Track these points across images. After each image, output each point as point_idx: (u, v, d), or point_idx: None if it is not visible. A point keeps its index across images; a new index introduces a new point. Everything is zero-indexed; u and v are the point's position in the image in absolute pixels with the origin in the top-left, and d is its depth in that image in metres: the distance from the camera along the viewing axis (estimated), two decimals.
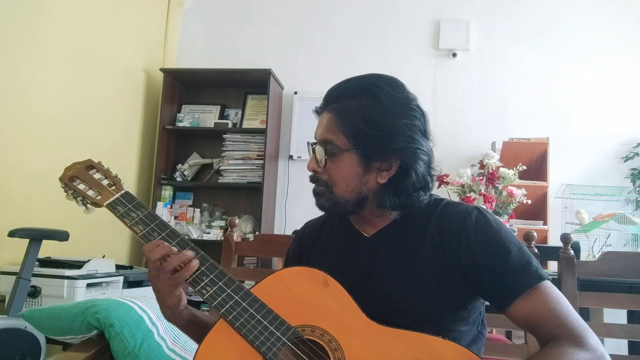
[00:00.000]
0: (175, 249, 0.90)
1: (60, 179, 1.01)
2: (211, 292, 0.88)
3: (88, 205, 0.99)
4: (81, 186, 1.00)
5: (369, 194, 0.94)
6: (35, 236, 1.98)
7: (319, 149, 0.94)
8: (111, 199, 0.98)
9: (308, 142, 0.98)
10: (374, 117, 0.90)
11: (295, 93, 3.61)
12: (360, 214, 0.98)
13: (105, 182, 1.01)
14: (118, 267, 2.48)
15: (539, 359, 0.79)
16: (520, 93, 3.43)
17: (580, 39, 3.40)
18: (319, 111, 0.98)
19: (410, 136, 0.91)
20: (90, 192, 0.99)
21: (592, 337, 0.81)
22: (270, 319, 0.86)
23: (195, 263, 0.89)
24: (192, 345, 1.31)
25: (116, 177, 1.03)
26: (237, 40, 3.77)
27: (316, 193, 0.97)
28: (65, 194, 1.01)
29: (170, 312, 0.95)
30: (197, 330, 1.00)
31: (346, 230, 1.03)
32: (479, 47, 3.51)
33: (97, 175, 1.02)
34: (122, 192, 1.00)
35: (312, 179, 0.98)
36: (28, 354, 1.84)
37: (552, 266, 2.70)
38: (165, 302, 0.93)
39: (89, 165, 1.04)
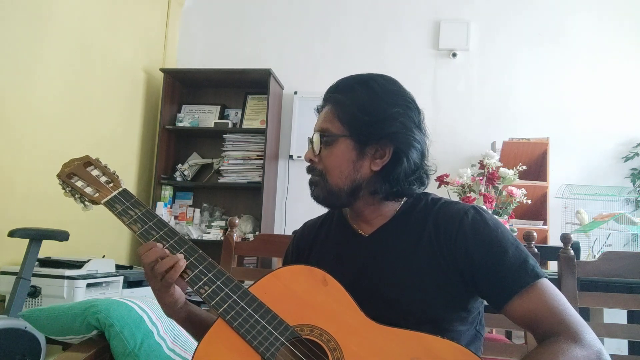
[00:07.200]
0: (167, 251, 0.90)
1: (58, 176, 1.00)
2: (209, 291, 0.88)
3: (86, 203, 0.99)
4: (79, 183, 1.00)
5: (362, 183, 0.95)
6: (35, 236, 1.98)
7: (315, 138, 0.97)
8: (109, 197, 0.97)
9: (308, 137, 1.00)
10: (367, 104, 0.93)
11: (295, 93, 3.61)
12: (355, 209, 0.99)
13: (103, 179, 1.01)
14: (118, 267, 2.48)
15: (535, 357, 0.78)
16: (520, 93, 3.43)
17: (580, 39, 3.40)
18: (319, 109, 1.01)
19: (402, 123, 0.93)
20: (88, 190, 0.99)
21: (588, 334, 0.80)
22: (269, 319, 0.86)
23: (182, 264, 0.89)
24: (192, 345, 1.31)
25: (114, 174, 1.03)
26: (237, 40, 3.77)
27: (311, 183, 0.99)
28: (64, 190, 1.01)
29: (169, 310, 0.97)
30: (196, 328, 1.01)
31: (344, 230, 1.03)
32: (479, 47, 3.51)
33: (95, 172, 1.02)
34: (120, 189, 0.99)
35: (308, 170, 1.00)
36: (28, 354, 1.84)
37: (552, 266, 2.70)
38: (162, 301, 0.95)
39: (87, 162, 1.03)
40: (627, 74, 3.32)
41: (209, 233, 3.35)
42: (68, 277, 2.10)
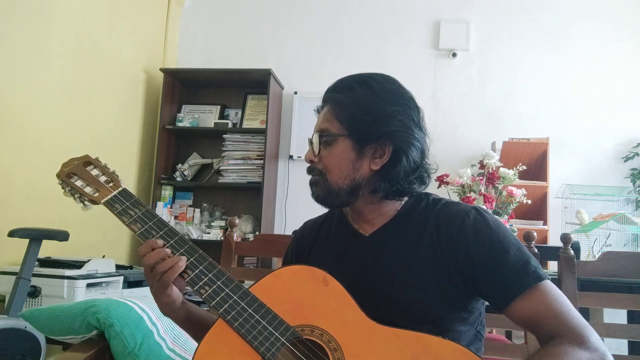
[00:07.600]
0: (169, 251, 0.90)
1: (58, 176, 1.00)
2: (209, 291, 0.88)
3: (86, 202, 0.98)
4: (79, 183, 0.99)
5: (362, 182, 0.95)
6: (35, 236, 1.98)
7: (315, 138, 0.97)
8: (109, 197, 0.97)
9: (308, 138, 1.00)
10: (366, 103, 0.93)
11: (295, 93, 3.61)
12: (355, 208, 0.99)
13: (102, 178, 1.01)
14: (118, 267, 2.48)
15: (539, 358, 0.78)
16: (520, 93, 3.43)
17: (580, 39, 3.40)
18: (319, 110, 1.01)
19: (401, 121, 0.93)
20: (88, 189, 0.99)
21: (593, 336, 0.80)
22: (269, 319, 0.86)
23: (182, 264, 0.88)
24: (192, 345, 1.31)
25: (114, 173, 1.03)
26: (237, 40, 3.77)
27: (311, 183, 0.99)
28: (63, 190, 1.00)
29: (166, 309, 0.96)
30: (195, 328, 1.01)
31: (344, 230, 1.03)
32: (479, 47, 3.51)
33: (94, 172, 1.02)
34: (120, 189, 0.99)
35: (309, 170, 1.00)
36: (28, 354, 1.84)
37: (552, 266, 2.70)
38: (159, 300, 0.94)
39: (87, 162, 1.03)
40: (627, 74, 3.32)
41: (209, 233, 3.35)
42: (68, 277, 2.10)
